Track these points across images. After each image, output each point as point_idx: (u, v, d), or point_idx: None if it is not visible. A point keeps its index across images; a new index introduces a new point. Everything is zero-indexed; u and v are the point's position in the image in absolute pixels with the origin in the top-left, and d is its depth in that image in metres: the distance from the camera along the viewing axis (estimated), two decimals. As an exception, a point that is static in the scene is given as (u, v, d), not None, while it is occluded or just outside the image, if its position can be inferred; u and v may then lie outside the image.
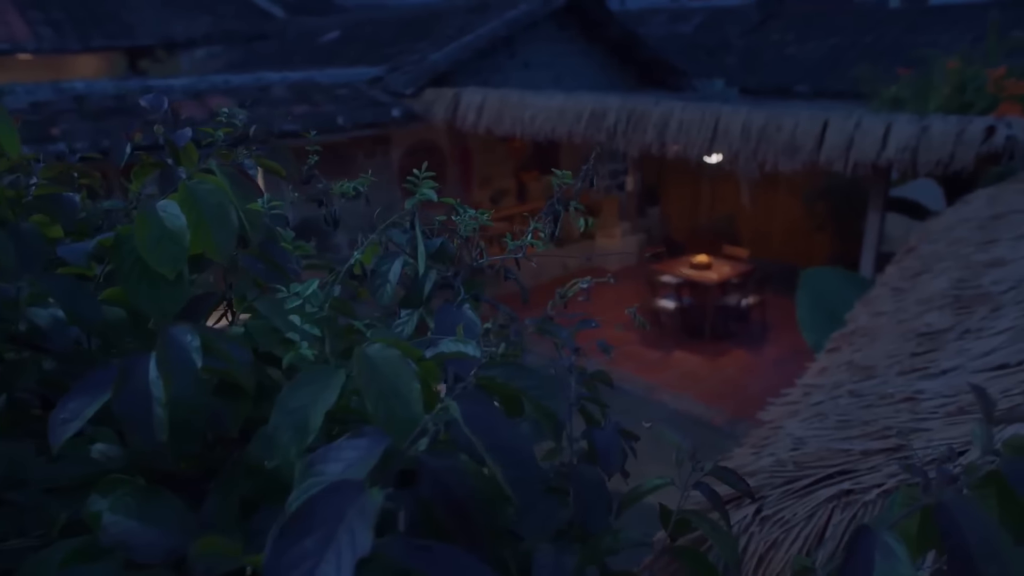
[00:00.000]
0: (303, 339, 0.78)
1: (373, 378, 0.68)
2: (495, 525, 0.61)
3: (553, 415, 0.65)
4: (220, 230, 0.84)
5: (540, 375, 0.66)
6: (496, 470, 0.59)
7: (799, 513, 1.66)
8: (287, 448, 0.69)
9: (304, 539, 0.53)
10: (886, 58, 10.11)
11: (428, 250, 0.95)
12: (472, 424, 0.61)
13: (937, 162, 4.64)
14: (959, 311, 2.37)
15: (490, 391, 0.66)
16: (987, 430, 0.68)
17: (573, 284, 0.90)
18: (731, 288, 8.45)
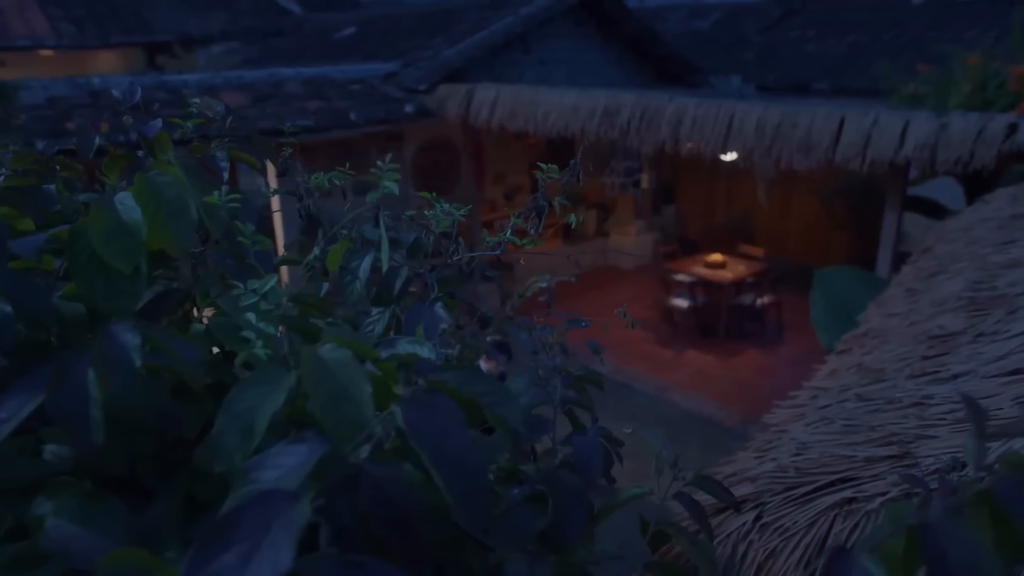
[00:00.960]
0: (259, 337, 0.75)
1: (323, 380, 0.65)
2: (444, 540, 0.57)
3: (505, 423, 0.61)
4: (178, 223, 0.81)
5: (493, 380, 0.62)
6: (439, 481, 0.55)
7: (800, 521, 1.61)
8: (232, 453, 0.65)
9: (225, 553, 0.49)
10: (907, 55, 9.94)
11: (401, 245, 0.91)
12: (417, 431, 0.57)
13: (956, 160, 4.54)
14: (973, 313, 2.29)
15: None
16: (979, 444, 0.64)
17: (532, 283, 0.86)
18: (746, 287, 8.35)
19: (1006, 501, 0.57)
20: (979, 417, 0.62)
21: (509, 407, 0.61)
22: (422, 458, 0.56)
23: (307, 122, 7.17)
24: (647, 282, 9.80)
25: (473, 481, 0.57)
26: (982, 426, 0.62)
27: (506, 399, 0.61)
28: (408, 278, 0.90)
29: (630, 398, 7.34)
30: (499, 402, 0.61)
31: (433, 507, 0.57)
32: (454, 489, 0.56)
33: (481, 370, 0.63)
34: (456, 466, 0.57)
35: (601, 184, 11.32)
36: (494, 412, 0.61)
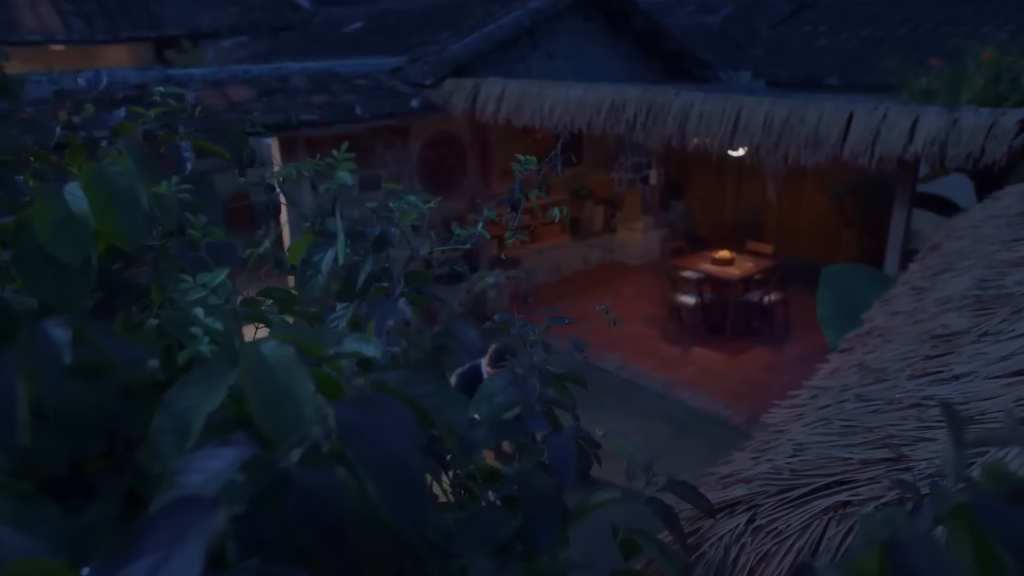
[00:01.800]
0: (206, 333, 0.72)
1: (263, 378, 0.61)
2: (380, 552, 0.54)
3: (452, 428, 0.58)
4: (128, 214, 0.78)
5: (439, 381, 0.58)
6: (370, 486, 0.52)
7: (793, 524, 1.56)
8: (167, 454, 0.62)
9: (133, 563, 0.46)
10: (922, 50, 9.81)
11: (367, 239, 0.87)
12: (351, 433, 0.54)
13: (967, 156, 4.46)
14: (979, 312, 2.24)
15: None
16: (958, 453, 0.59)
17: (481, 279, 0.82)
18: (753, 284, 8.28)
19: (983, 518, 0.53)
20: (957, 424, 0.58)
21: (455, 410, 0.58)
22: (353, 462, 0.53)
23: (312, 116, 7.15)
24: (654, 278, 9.74)
25: (410, 487, 0.53)
26: (960, 434, 0.58)
27: (452, 401, 0.58)
28: (373, 273, 0.87)
29: (635, 395, 7.29)
30: (444, 404, 0.57)
31: (369, 516, 0.54)
32: (388, 495, 0.52)
33: (429, 370, 0.60)
34: (392, 470, 0.53)
35: (609, 180, 11.25)
36: (439, 415, 0.57)
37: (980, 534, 0.57)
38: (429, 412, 0.57)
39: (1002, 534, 0.51)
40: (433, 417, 0.57)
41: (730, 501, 1.75)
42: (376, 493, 0.52)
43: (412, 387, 0.57)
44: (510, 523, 0.90)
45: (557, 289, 9.96)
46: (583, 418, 5.54)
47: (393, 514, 0.52)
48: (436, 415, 0.57)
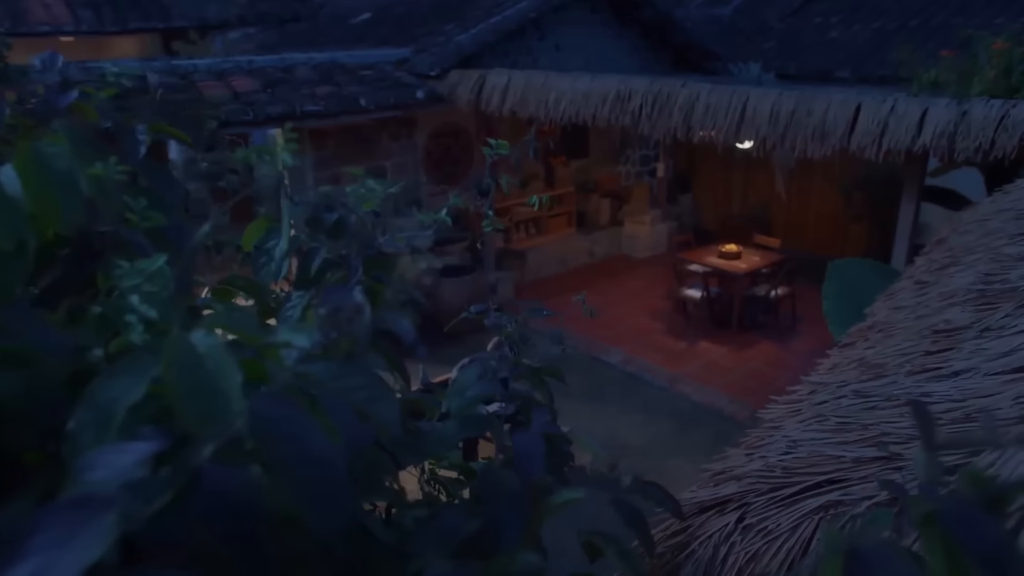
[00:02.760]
0: (140, 322, 0.68)
1: (188, 370, 0.58)
2: (297, 554, 0.50)
3: (384, 424, 0.54)
4: (67, 198, 0.74)
5: (369, 374, 0.54)
6: (285, 485, 0.48)
7: (783, 524, 1.52)
8: (87, 448, 0.58)
9: (15, 567, 0.42)
10: (935, 41, 9.66)
11: (324, 225, 0.84)
12: (267, 429, 0.50)
13: (976, 148, 4.38)
14: (982, 307, 2.18)
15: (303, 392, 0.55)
16: (930, 457, 0.55)
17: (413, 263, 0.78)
18: (760, 278, 8.20)
19: (952, 528, 0.48)
20: (926, 425, 0.53)
21: (386, 404, 0.54)
22: (268, 460, 0.49)
23: (316, 107, 7.12)
24: (661, 272, 9.67)
25: (329, 487, 0.49)
26: (931, 435, 0.54)
27: (383, 395, 0.54)
28: (329, 260, 0.83)
29: (640, 389, 7.25)
30: (374, 398, 0.54)
31: (286, 518, 0.50)
32: (305, 495, 0.49)
33: (360, 362, 0.56)
34: (310, 469, 0.49)
35: (616, 173, 11.17)
36: (368, 409, 0.53)
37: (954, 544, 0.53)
38: (359, 406, 0.53)
39: (970, 544, 0.47)
40: (362, 410, 0.53)
41: (720, 499, 1.71)
42: (291, 493, 0.48)
43: (341, 380, 0.54)
44: (471, 522, 0.87)
45: (562, 282, 9.90)
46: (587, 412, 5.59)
47: (309, 516, 0.48)
48: (366, 408, 0.53)
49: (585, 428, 4.75)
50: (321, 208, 0.83)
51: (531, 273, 9.92)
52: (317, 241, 0.84)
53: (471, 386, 1.08)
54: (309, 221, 0.82)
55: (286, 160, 0.77)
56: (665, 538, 1.78)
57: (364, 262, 0.86)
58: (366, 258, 0.86)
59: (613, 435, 6.41)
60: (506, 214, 9.88)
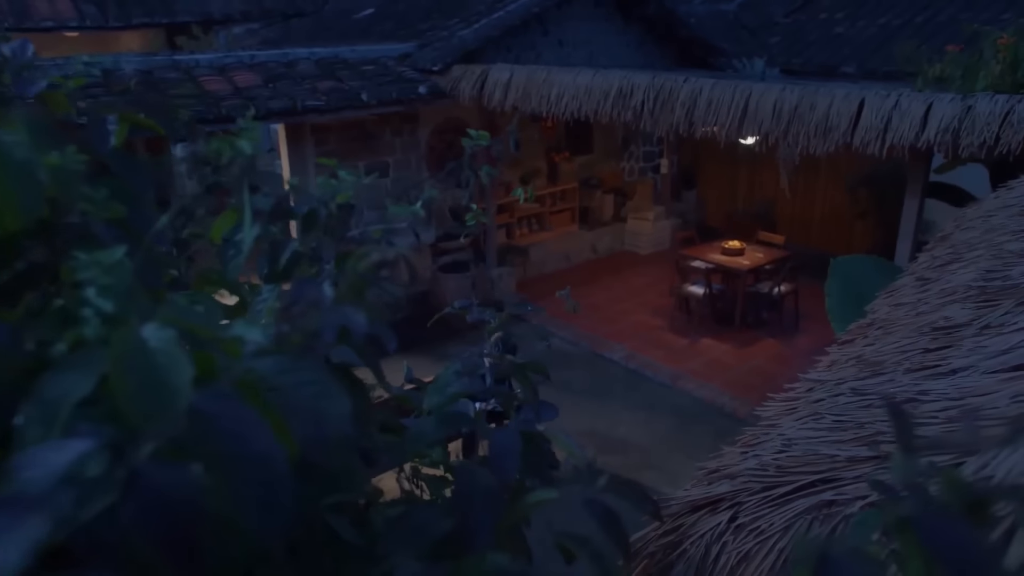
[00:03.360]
0: (96, 315, 0.66)
1: (135, 365, 0.56)
2: (239, 559, 0.48)
3: (332, 422, 0.51)
4: (24, 189, 0.72)
5: (319, 370, 0.52)
6: (224, 487, 0.46)
7: (776, 523, 1.50)
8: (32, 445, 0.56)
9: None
10: (941, 37, 9.58)
11: (295, 216, 0.81)
12: (208, 426, 0.48)
13: (981, 144, 4.33)
14: (982, 304, 2.15)
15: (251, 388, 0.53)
16: (907, 460, 0.53)
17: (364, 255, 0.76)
18: (763, 275, 8.16)
19: (925, 534, 0.46)
20: (903, 426, 0.51)
21: (335, 401, 0.52)
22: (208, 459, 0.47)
23: (318, 102, 7.09)
24: (664, 268, 9.63)
25: (271, 490, 0.47)
26: (908, 437, 0.51)
27: (332, 392, 0.52)
28: (299, 253, 0.81)
29: (641, 386, 7.22)
30: (323, 395, 0.51)
31: (227, 519, 0.48)
32: (245, 497, 0.46)
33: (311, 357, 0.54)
34: (252, 470, 0.47)
35: (620, 169, 11.13)
36: (316, 406, 0.51)
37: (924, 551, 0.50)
38: (306, 402, 0.51)
39: (943, 552, 0.44)
40: (309, 407, 0.51)
41: (713, 498, 1.69)
42: (230, 493, 0.46)
43: (288, 376, 0.51)
44: (444, 522, 0.85)
45: (565, 278, 9.87)
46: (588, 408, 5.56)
47: (247, 518, 0.46)
48: (313, 405, 0.51)
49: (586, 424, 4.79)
50: (290, 200, 0.81)
51: (534, 269, 9.89)
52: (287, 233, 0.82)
53: (451, 382, 1.06)
54: (276, 213, 0.80)
55: (244, 149, 0.74)
56: (657, 537, 1.76)
57: (336, 256, 0.84)
58: (339, 252, 0.84)
59: (614, 431, 6.39)
60: (508, 210, 9.85)
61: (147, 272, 0.86)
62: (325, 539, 0.76)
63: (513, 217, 9.94)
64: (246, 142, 0.73)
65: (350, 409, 0.52)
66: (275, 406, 0.55)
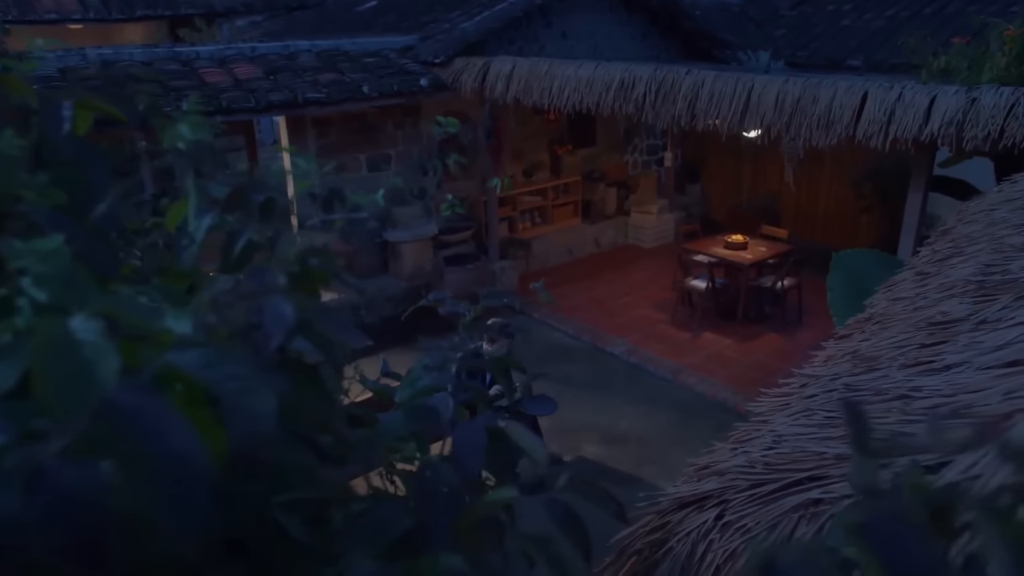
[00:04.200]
0: (30, 305, 0.63)
1: (58, 358, 0.53)
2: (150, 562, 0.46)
3: (257, 418, 0.49)
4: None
5: (244, 364, 0.49)
6: (136, 486, 0.43)
7: (762, 521, 1.47)
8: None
9: None
10: (949, 29, 9.48)
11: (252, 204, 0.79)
12: (122, 422, 0.46)
13: (985, 137, 4.27)
14: (980, 299, 2.11)
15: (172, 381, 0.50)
16: (864, 462, 0.50)
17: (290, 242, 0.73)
18: (767, 269, 8.11)
19: (872, 542, 0.43)
20: (859, 427, 0.48)
21: (259, 397, 0.49)
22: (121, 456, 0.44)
23: (318, 95, 7.06)
24: (668, 262, 9.58)
25: (186, 490, 0.45)
26: (864, 438, 0.48)
27: (256, 387, 0.49)
28: (255, 243, 0.78)
29: (643, 380, 7.19)
30: (247, 390, 0.49)
31: (139, 520, 0.45)
32: (157, 497, 0.44)
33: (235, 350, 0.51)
34: (166, 467, 0.45)
35: (623, 162, 11.07)
36: (239, 401, 0.49)
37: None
38: (227, 398, 0.48)
39: (893, 564, 0.42)
40: (229, 403, 0.49)
41: (700, 495, 1.66)
42: (142, 495, 0.44)
43: (212, 369, 0.49)
44: (405, 520, 0.82)
45: (568, 271, 9.84)
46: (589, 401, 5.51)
47: (159, 518, 0.44)
48: (235, 400, 0.49)
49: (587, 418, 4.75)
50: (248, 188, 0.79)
51: (536, 262, 9.85)
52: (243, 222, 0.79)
53: (420, 378, 1.04)
54: (230, 201, 0.77)
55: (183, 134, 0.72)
56: (644, 534, 1.73)
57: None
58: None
59: (615, 425, 6.36)
60: (511, 203, 9.81)
61: (100, 261, 0.84)
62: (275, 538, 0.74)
63: (516, 210, 9.90)
64: (185, 127, 0.71)
65: (275, 406, 0.49)
66: (204, 400, 0.53)
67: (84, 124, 1.01)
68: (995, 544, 0.42)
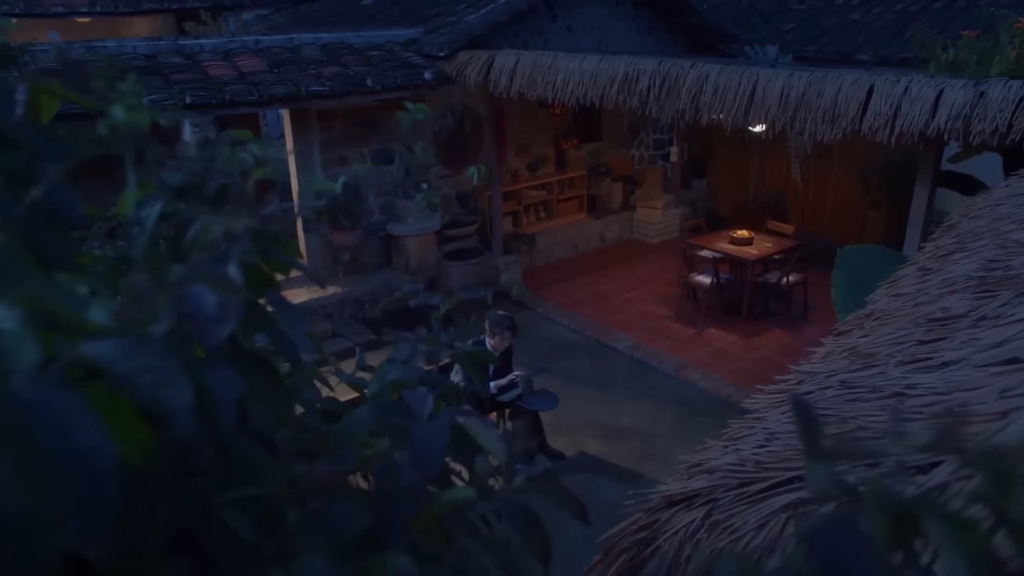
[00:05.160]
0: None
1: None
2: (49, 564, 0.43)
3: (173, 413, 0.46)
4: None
5: (161, 356, 0.46)
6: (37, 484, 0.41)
7: (750, 521, 1.44)
8: None
9: None
10: (959, 23, 9.38)
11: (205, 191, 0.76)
12: (24, 416, 0.43)
13: (993, 131, 4.21)
14: (981, 295, 2.07)
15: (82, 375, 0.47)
16: (818, 465, 0.46)
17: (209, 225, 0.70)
18: (772, 265, 8.05)
19: (815, 551, 0.40)
20: (810, 428, 0.45)
21: (176, 389, 0.46)
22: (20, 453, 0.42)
23: (322, 88, 7.04)
24: (673, 257, 9.53)
25: (91, 485, 0.42)
26: (814, 442, 0.45)
27: (173, 380, 0.46)
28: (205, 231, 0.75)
29: (645, 376, 7.15)
30: (163, 382, 0.46)
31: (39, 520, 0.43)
32: (61, 494, 0.41)
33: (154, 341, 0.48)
34: (72, 465, 0.42)
35: (629, 157, 11.01)
36: (154, 395, 0.46)
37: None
38: (141, 391, 0.46)
39: (829, 572, 0.38)
40: (144, 397, 0.46)
41: (689, 493, 1.63)
42: (43, 494, 0.41)
43: (126, 361, 0.46)
44: (363, 519, 0.79)
45: (572, 266, 9.80)
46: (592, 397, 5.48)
47: (60, 518, 0.41)
48: (150, 394, 0.46)
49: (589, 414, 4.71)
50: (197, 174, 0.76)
51: (540, 257, 9.81)
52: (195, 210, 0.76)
53: (391, 371, 1.01)
54: (181, 188, 0.74)
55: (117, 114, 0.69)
56: (632, 532, 1.70)
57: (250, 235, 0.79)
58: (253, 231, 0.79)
59: (617, 421, 6.33)
60: (515, 197, 9.77)
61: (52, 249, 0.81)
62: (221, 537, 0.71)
63: (520, 205, 9.85)
64: (118, 108, 0.68)
65: (192, 399, 0.46)
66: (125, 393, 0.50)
67: (49, 110, 0.99)
68: (950, 556, 0.39)
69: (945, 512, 0.42)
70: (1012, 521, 0.40)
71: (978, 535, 0.40)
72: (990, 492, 0.40)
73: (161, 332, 0.58)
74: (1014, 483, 0.41)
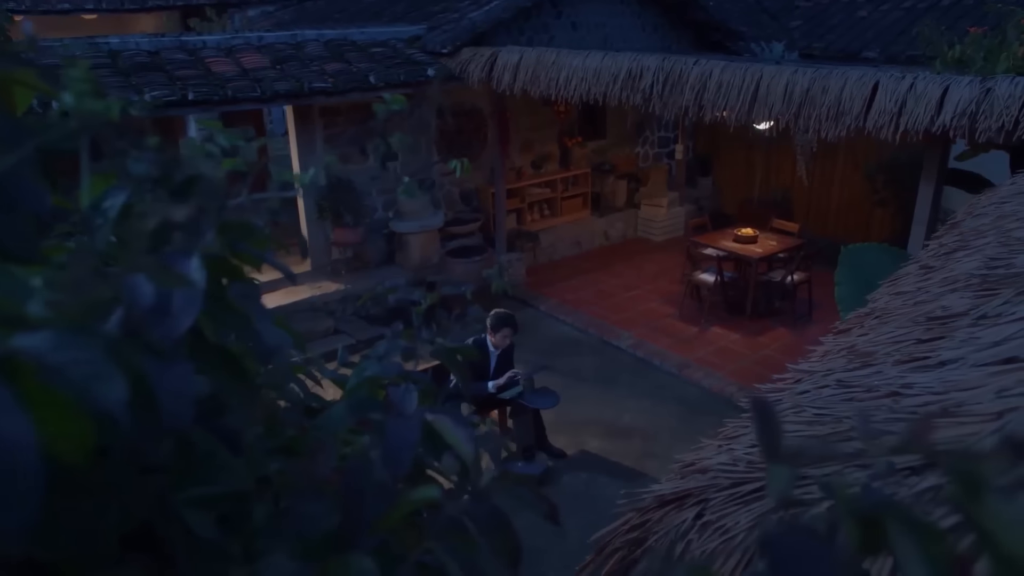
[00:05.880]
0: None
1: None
2: None
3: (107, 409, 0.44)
4: None
5: (95, 348, 0.45)
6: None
7: (741, 522, 1.41)
8: None
9: None
10: (967, 20, 9.30)
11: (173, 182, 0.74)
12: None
13: (999, 128, 4.16)
14: (982, 293, 2.03)
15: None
16: (781, 470, 0.44)
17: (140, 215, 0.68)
18: (776, 263, 8.00)
19: (773, 557, 0.38)
20: (769, 432, 0.42)
21: (109, 384, 0.44)
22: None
23: (325, 84, 7.02)
24: (677, 256, 9.49)
25: (10, 482, 0.40)
26: (774, 444, 0.43)
27: (105, 374, 0.44)
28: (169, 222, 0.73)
29: (648, 374, 7.12)
30: (96, 376, 0.44)
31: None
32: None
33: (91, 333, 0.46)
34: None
35: (633, 154, 10.97)
36: (88, 388, 0.44)
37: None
38: (73, 384, 0.44)
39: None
40: (75, 390, 0.44)
41: (681, 493, 1.61)
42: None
43: (58, 353, 0.44)
44: (329, 517, 0.78)
45: (576, 264, 9.77)
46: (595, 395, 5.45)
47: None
48: (83, 387, 0.44)
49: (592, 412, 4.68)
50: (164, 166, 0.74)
51: (544, 255, 9.79)
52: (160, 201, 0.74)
53: (369, 368, 0.99)
54: (144, 179, 0.72)
55: (66, 101, 0.67)
56: (624, 532, 1.68)
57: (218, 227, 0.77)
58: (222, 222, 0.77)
59: (619, 419, 6.30)
60: (519, 195, 9.74)
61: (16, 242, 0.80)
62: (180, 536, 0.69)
63: (524, 202, 9.82)
64: (68, 94, 0.66)
65: (126, 392, 0.44)
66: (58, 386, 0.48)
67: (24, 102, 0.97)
68: (912, 563, 0.37)
69: (912, 517, 0.39)
70: (979, 527, 0.38)
71: (942, 543, 0.38)
72: (957, 496, 0.38)
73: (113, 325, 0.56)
74: (983, 488, 0.39)
